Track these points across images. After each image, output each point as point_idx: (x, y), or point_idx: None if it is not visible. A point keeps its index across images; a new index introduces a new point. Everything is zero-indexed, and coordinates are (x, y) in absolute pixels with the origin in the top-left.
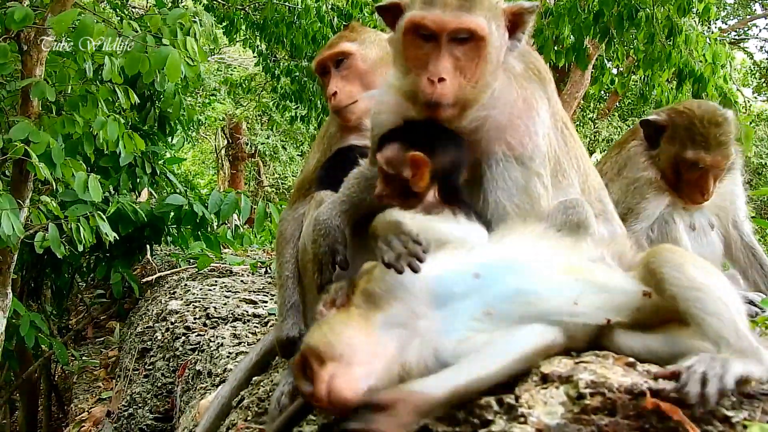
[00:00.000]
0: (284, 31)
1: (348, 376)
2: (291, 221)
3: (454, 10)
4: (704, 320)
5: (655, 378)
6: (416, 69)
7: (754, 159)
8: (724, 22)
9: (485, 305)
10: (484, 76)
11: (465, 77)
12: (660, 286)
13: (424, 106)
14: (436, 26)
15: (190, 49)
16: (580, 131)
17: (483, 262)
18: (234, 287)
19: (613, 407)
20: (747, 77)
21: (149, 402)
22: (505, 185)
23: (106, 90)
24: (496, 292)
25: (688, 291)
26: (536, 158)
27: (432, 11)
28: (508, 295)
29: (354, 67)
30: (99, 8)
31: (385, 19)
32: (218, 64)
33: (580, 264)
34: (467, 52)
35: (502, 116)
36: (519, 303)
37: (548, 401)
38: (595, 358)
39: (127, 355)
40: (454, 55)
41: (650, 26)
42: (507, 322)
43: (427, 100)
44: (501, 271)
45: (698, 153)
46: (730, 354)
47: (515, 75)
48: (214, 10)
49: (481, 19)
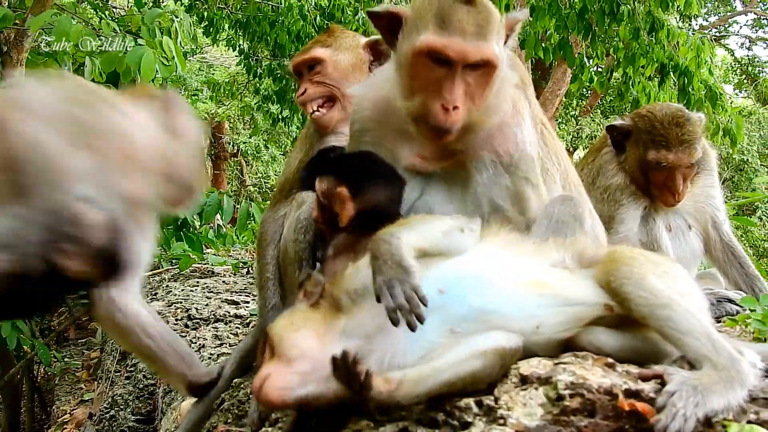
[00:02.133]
0: (267, 30)
1: (283, 378)
2: (272, 223)
3: (473, 38)
4: (680, 340)
5: (639, 379)
6: (427, 93)
7: (736, 156)
8: (704, 19)
9: (449, 323)
10: (491, 99)
11: (474, 102)
12: (627, 306)
13: (432, 130)
14: (457, 56)
15: (166, 48)
16: (562, 128)
17: (447, 277)
18: (216, 288)
19: (593, 408)
20: (728, 74)
21: (131, 404)
22: (494, 191)
23: None
24: (460, 310)
25: (657, 310)
26: (522, 164)
27: (451, 38)
28: (471, 313)
29: (325, 73)
30: (80, 9)
31: (378, 26)
32: (200, 63)
33: (542, 276)
34: (478, 78)
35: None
36: (482, 322)
37: (527, 402)
38: (575, 359)
39: (108, 357)
40: (466, 81)
41: (633, 21)
42: (471, 336)
43: (439, 126)
44: (464, 288)
45: (659, 152)
46: (711, 373)
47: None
48: (196, 9)
49: (495, 46)
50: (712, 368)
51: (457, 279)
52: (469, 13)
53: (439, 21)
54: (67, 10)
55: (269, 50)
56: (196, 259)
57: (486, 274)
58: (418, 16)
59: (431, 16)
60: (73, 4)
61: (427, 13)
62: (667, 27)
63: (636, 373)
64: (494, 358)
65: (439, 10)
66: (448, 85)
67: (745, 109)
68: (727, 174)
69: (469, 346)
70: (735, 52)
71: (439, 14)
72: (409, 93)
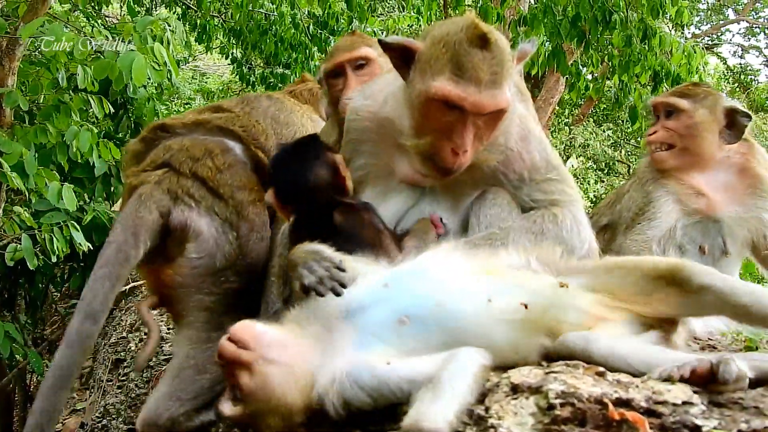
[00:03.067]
0: (259, 38)
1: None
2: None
3: (488, 87)
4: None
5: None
6: (437, 134)
7: None
8: (697, 27)
9: (398, 313)
10: (498, 136)
11: (482, 142)
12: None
13: (440, 170)
14: (473, 108)
15: (158, 54)
16: (555, 137)
17: (392, 272)
18: None
19: (583, 417)
20: (720, 82)
21: (123, 413)
22: (491, 211)
23: (80, 99)
24: (407, 298)
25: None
26: (528, 178)
27: (467, 89)
28: (418, 299)
29: (373, 74)
30: (72, 17)
31: (389, 55)
32: (193, 72)
33: (493, 265)
34: (488, 122)
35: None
36: (430, 307)
37: (518, 412)
38: (566, 368)
39: (100, 366)
40: (476, 124)
41: (625, 28)
42: (424, 330)
43: (448, 168)
44: (409, 278)
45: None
46: None
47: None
48: (189, 17)
49: (507, 92)
50: None
51: (400, 273)
52: (484, 60)
53: (454, 67)
54: (60, 18)
55: (262, 58)
56: None
57: (432, 266)
58: (432, 57)
59: (446, 60)
60: (66, 12)
61: (442, 56)
62: (660, 34)
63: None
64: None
65: (455, 54)
66: (459, 129)
67: None
68: None
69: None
70: (727, 61)
71: (455, 59)
72: (418, 132)
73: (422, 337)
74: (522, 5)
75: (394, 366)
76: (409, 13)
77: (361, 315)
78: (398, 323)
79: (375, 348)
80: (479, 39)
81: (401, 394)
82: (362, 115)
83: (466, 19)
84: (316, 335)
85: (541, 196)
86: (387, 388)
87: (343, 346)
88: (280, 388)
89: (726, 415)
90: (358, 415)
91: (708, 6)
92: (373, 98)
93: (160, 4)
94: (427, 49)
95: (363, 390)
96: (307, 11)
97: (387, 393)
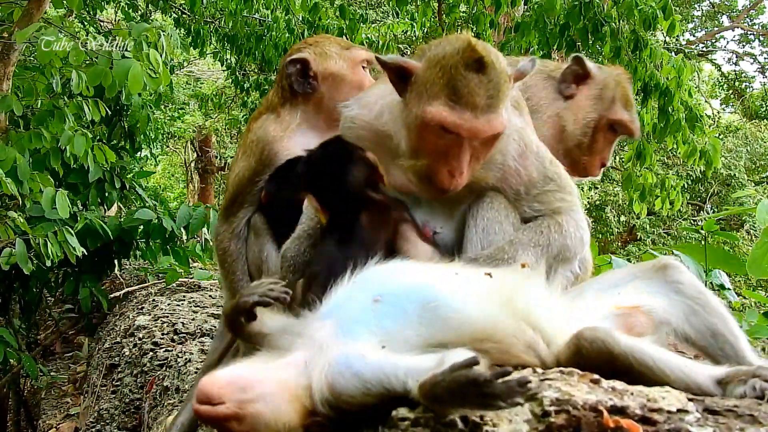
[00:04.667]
0: (254, 44)
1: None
2: (232, 237)
3: (484, 112)
4: None
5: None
6: (433, 157)
7: (723, 171)
8: (692, 34)
9: (372, 294)
10: (494, 155)
11: (478, 162)
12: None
13: (436, 190)
14: (468, 134)
15: (153, 61)
16: None
17: (360, 274)
18: (202, 302)
19: (578, 424)
20: (715, 89)
21: (117, 418)
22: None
23: (74, 105)
24: (377, 283)
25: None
26: (524, 193)
27: (463, 115)
28: (387, 279)
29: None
30: (67, 23)
31: (387, 73)
32: (187, 77)
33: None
34: (485, 143)
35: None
36: (400, 284)
37: (513, 419)
38: (560, 375)
39: (94, 371)
40: (473, 147)
41: (615, 40)
42: (398, 308)
43: (444, 189)
44: (376, 267)
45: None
46: None
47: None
48: (183, 24)
49: (504, 115)
50: None
51: (369, 273)
52: (480, 84)
53: (450, 92)
54: (54, 23)
55: (256, 64)
56: (183, 273)
57: (399, 264)
58: (428, 81)
59: (442, 85)
60: (60, 17)
61: (438, 80)
62: (651, 46)
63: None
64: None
65: (451, 79)
66: (456, 152)
67: (732, 124)
68: (714, 189)
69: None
70: (722, 68)
71: (451, 84)
72: (414, 153)
73: (399, 315)
74: (517, 12)
75: (388, 353)
76: (404, 19)
77: (340, 308)
78: (373, 303)
79: (359, 334)
80: (475, 62)
81: (396, 381)
82: (357, 123)
83: (462, 40)
84: (291, 346)
85: (541, 207)
86: (382, 374)
87: (328, 341)
88: (273, 416)
89: (721, 423)
90: (350, 414)
91: (702, 13)
92: (368, 108)
93: (156, 9)
94: (422, 71)
95: (354, 377)
96: (301, 17)
97: (382, 379)
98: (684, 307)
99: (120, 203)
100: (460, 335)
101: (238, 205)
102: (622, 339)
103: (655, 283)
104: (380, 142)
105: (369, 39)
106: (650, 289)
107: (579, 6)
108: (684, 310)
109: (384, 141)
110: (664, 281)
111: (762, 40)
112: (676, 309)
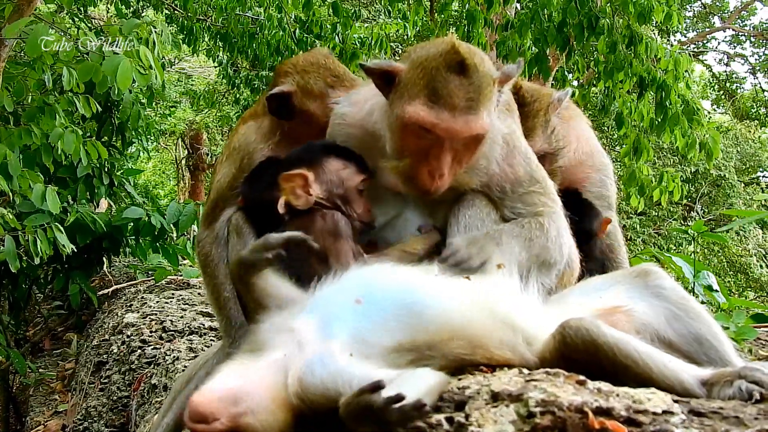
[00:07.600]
0: (247, 42)
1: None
2: (213, 242)
3: (463, 112)
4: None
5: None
6: (415, 157)
7: (714, 171)
8: (683, 34)
9: (354, 295)
10: (479, 159)
11: (461, 165)
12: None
13: (419, 191)
14: (445, 135)
15: (143, 57)
16: None
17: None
18: (191, 300)
19: (564, 426)
20: (706, 90)
21: (104, 416)
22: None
23: (65, 101)
24: (359, 285)
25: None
26: (509, 191)
27: (440, 114)
28: (369, 281)
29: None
30: (58, 18)
31: (372, 78)
32: (178, 74)
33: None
34: (467, 145)
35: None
36: (382, 286)
37: (498, 420)
38: (546, 376)
39: (83, 369)
40: (454, 148)
41: (611, 35)
42: (379, 309)
43: (425, 190)
44: (361, 269)
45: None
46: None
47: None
48: (176, 20)
49: (485, 117)
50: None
51: (353, 273)
52: (461, 86)
53: (429, 93)
54: (45, 19)
55: (248, 62)
56: (172, 270)
57: (382, 267)
58: (410, 82)
59: (422, 86)
60: (51, 13)
61: (419, 81)
62: (646, 41)
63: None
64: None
65: (431, 80)
66: (436, 153)
67: (723, 125)
68: (704, 189)
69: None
70: (713, 68)
71: (431, 84)
72: (397, 153)
73: (378, 316)
74: (509, 10)
75: (352, 361)
76: (396, 19)
77: (322, 306)
78: (355, 303)
79: (337, 334)
80: (457, 64)
81: (347, 391)
82: (347, 121)
83: (446, 42)
84: (275, 345)
85: (523, 208)
86: (339, 382)
87: (307, 338)
88: (267, 423)
89: (706, 425)
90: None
91: (694, 13)
92: (358, 106)
93: (147, 5)
94: (406, 73)
95: (318, 380)
96: (293, 15)
97: (339, 387)
98: (665, 312)
99: (109, 199)
100: (439, 337)
101: (219, 211)
102: (607, 330)
103: (636, 288)
104: (369, 141)
105: (361, 38)
106: (631, 293)
107: (575, 1)
108: (665, 314)
109: (373, 140)
110: (644, 286)
111: (753, 41)
112: (656, 313)
